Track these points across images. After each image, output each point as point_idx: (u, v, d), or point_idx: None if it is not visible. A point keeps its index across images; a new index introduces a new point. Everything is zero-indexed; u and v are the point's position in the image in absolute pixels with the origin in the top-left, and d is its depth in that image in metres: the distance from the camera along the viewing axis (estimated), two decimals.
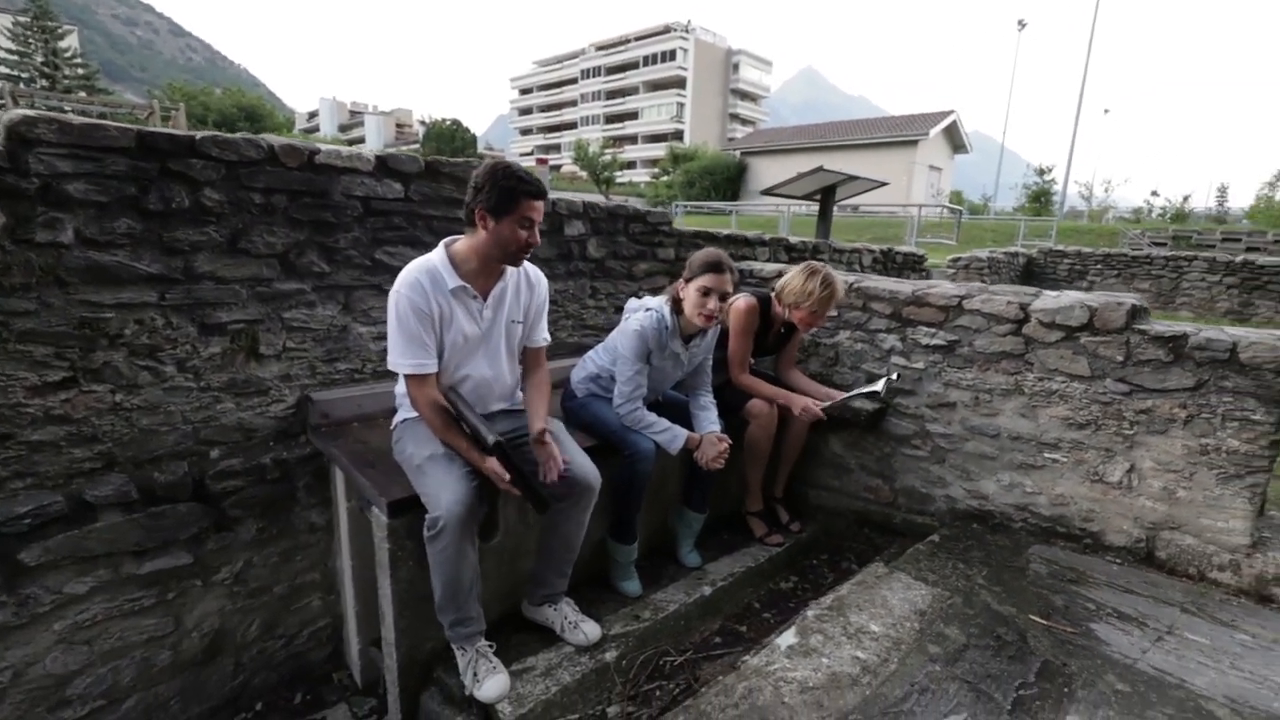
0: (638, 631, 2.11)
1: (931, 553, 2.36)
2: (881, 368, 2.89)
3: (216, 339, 2.11)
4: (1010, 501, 2.56)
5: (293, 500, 2.27)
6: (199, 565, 2.10)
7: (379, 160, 2.35)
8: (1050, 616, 1.92)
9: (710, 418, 2.33)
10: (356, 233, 2.34)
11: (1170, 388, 2.16)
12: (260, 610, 2.26)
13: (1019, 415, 2.49)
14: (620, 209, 3.19)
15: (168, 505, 2.02)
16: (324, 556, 2.39)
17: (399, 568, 1.84)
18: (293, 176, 2.16)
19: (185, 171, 1.96)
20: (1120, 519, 2.31)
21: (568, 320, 3.12)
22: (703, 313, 2.15)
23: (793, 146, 31.02)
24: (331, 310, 2.33)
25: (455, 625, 1.81)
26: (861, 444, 2.97)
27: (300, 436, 2.31)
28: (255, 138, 2.08)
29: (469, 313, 1.83)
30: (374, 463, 2.01)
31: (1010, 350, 2.49)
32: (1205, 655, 1.76)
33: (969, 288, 2.64)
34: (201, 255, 2.03)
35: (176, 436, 2.07)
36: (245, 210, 2.09)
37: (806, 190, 5.60)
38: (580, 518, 1.96)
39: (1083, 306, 2.30)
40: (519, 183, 1.70)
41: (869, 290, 2.87)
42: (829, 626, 1.86)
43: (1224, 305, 8.85)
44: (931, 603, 1.99)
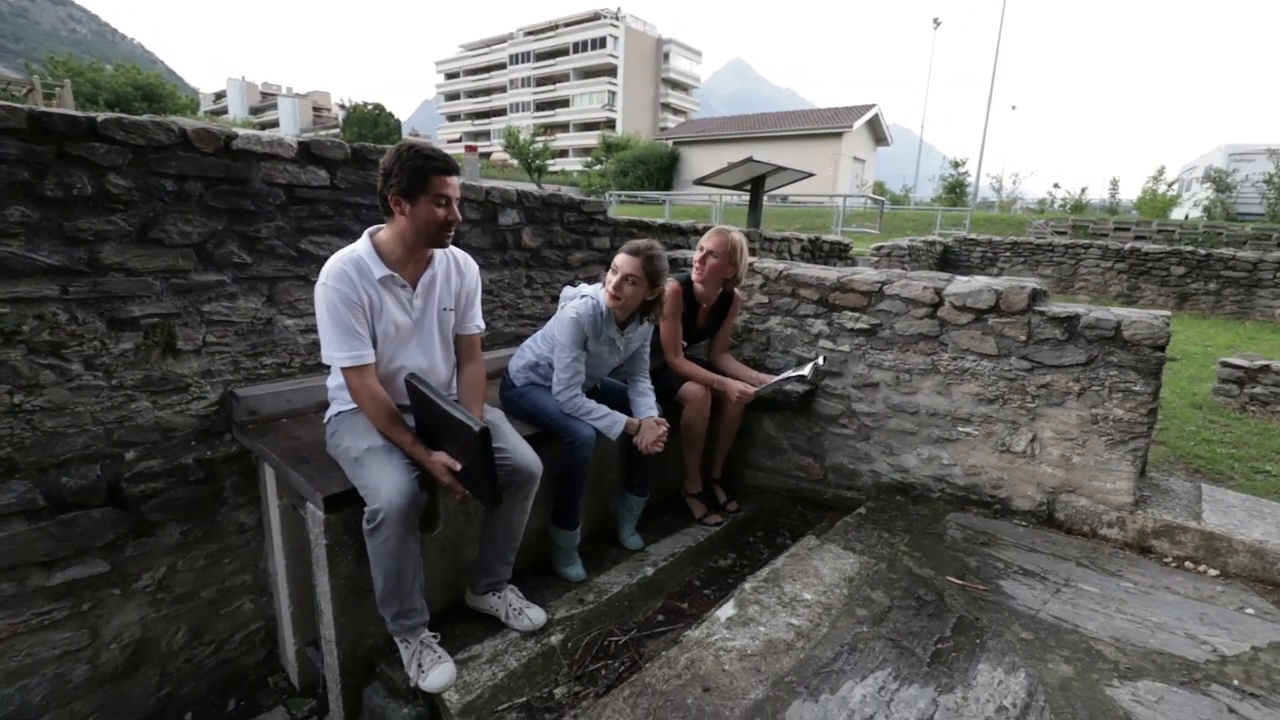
0: (582, 614, 2.15)
1: (859, 524, 2.51)
2: (810, 351, 3.03)
3: (128, 334, 1.98)
4: (929, 473, 2.75)
5: (219, 501, 2.18)
6: (117, 573, 1.99)
7: (302, 146, 2.26)
8: (964, 576, 2.09)
9: (648, 403, 2.39)
10: (280, 221, 2.24)
11: (1066, 363, 2.37)
12: (186, 617, 2.16)
13: (936, 393, 2.68)
14: (555, 198, 3.19)
15: (79, 511, 1.89)
16: (255, 558, 2.30)
17: (337, 563, 1.80)
18: (208, 162, 2.05)
19: (87, 156, 1.83)
20: (1025, 485, 2.53)
21: (504, 310, 3.10)
22: (609, 291, 2.21)
23: (724, 137, 31.52)
24: (255, 303, 2.24)
25: (398, 618, 1.79)
26: (793, 425, 3.11)
27: (225, 435, 2.21)
28: (165, 120, 1.96)
29: (399, 302, 1.80)
30: (307, 458, 1.95)
31: (927, 332, 2.66)
32: (1095, 603, 1.97)
33: (889, 274, 2.80)
34: (108, 245, 1.91)
35: (86, 439, 1.94)
36: (156, 198, 1.97)
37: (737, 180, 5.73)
38: (523, 505, 1.98)
39: (990, 290, 2.49)
40: (426, 160, 1.68)
41: (797, 277, 2.99)
42: (765, 597, 1.96)
43: (1115, 289, 9.70)
44: (859, 570, 2.13)
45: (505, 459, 1.90)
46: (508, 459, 1.90)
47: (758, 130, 31.23)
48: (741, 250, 2.65)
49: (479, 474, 1.70)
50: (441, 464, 1.74)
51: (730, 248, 2.61)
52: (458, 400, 2.01)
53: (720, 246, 2.61)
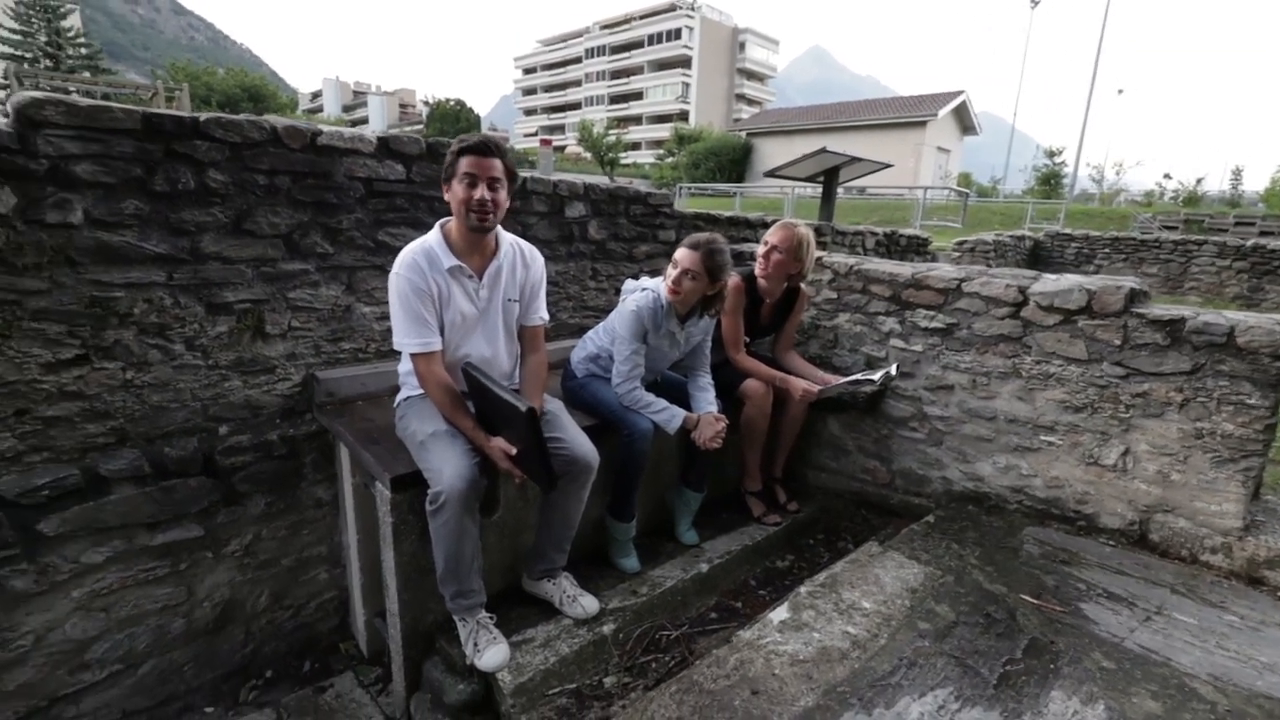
0: (635, 606, 2.16)
1: (926, 533, 2.40)
2: (880, 350, 2.91)
3: (223, 318, 2.15)
4: (1006, 484, 2.58)
5: (299, 476, 2.33)
6: (210, 537, 2.16)
7: (381, 142, 2.37)
8: (1040, 596, 1.96)
9: (708, 398, 2.36)
10: (359, 214, 2.36)
11: (1166, 371, 2.17)
12: (269, 581, 2.33)
13: (1016, 398, 2.51)
14: (621, 190, 3.20)
15: (179, 479, 2.07)
16: (330, 531, 2.45)
17: (402, 541, 1.89)
18: (296, 158, 2.18)
19: (190, 153, 1.98)
20: (1114, 501, 2.33)
21: (569, 301, 3.14)
22: (669, 286, 2.19)
23: (799, 127, 30.69)
24: (335, 290, 2.37)
25: (456, 597, 1.86)
26: (860, 426, 3.00)
27: (306, 414, 2.36)
28: (259, 119, 2.10)
29: (466, 292, 1.86)
30: (378, 439, 2.05)
31: (1008, 333, 2.50)
32: (1192, 635, 1.80)
33: (968, 270, 2.65)
34: (207, 236, 2.06)
35: (186, 413, 2.12)
36: (249, 191, 2.11)
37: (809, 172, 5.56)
38: (579, 495, 2.00)
39: (1081, 290, 2.30)
40: (459, 144, 1.76)
41: (869, 273, 2.87)
42: (821, 602, 1.90)
43: (1233, 290, 8.78)
44: (923, 581, 2.03)
45: (562, 449, 1.93)
46: (564, 449, 1.93)
47: (835, 120, 30.24)
48: (808, 245, 2.57)
49: (532, 457, 1.74)
50: (499, 448, 1.78)
51: (796, 243, 2.54)
52: (518, 389, 2.05)
53: (785, 241, 2.54)
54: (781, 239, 2.55)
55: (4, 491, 1.80)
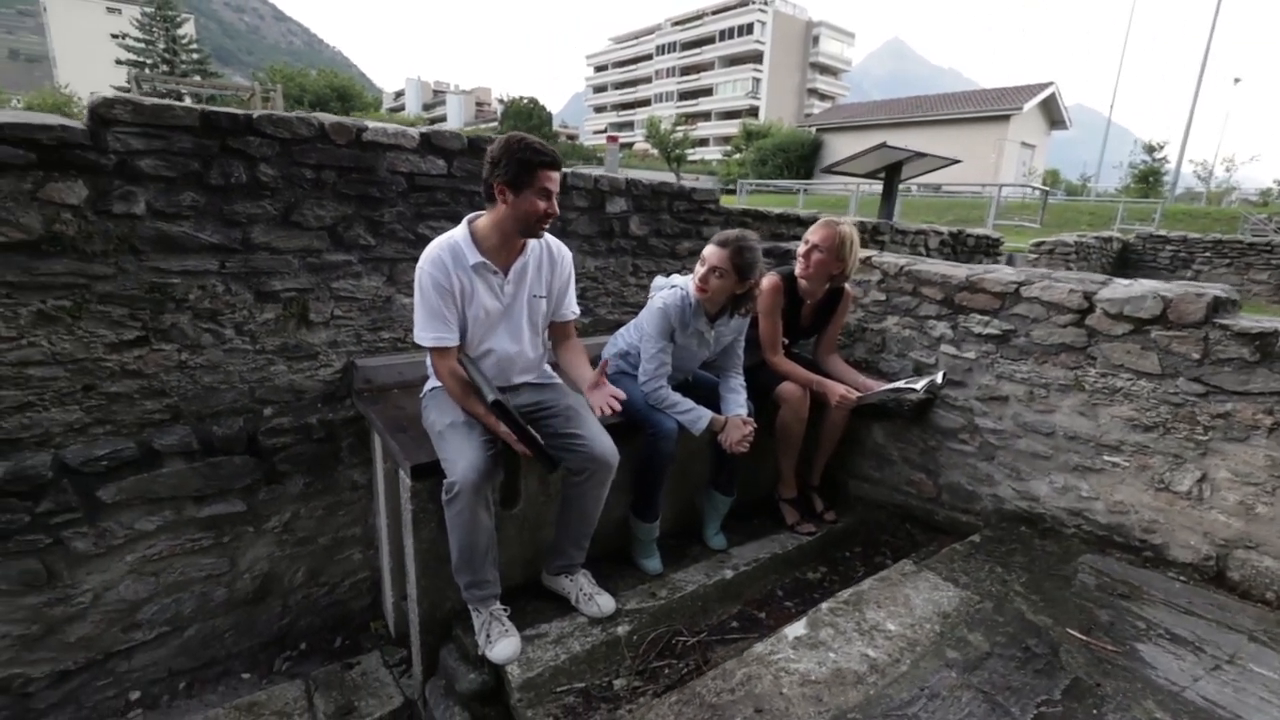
0: (652, 609, 2.12)
1: (969, 553, 2.24)
2: (930, 356, 2.75)
3: (271, 305, 2.25)
4: (1063, 505, 2.39)
5: (336, 459, 2.42)
6: (251, 513, 2.28)
7: (423, 137, 2.42)
8: (1090, 632, 1.79)
9: (738, 400, 2.29)
10: (401, 207, 2.43)
11: (1254, 390, 1.94)
12: (306, 558, 2.44)
13: (1077, 413, 2.31)
14: (665, 186, 3.16)
15: (224, 457, 2.19)
16: (365, 513, 2.53)
17: (421, 528, 1.92)
18: (341, 153, 2.26)
19: (244, 149, 2.09)
20: (1187, 533, 2.11)
21: (608, 298, 3.13)
22: (696, 284, 2.14)
23: (873, 123, 29.58)
24: (376, 281, 2.44)
25: (470, 587, 1.88)
26: (905, 435, 2.85)
27: (345, 400, 2.44)
28: (308, 115, 2.19)
29: (490, 288, 1.87)
30: (406, 428, 2.10)
31: (1071, 343, 2.30)
32: (1270, 691, 1.60)
33: (1029, 273, 2.45)
34: (258, 227, 2.17)
35: (234, 394, 2.24)
36: (297, 185, 2.21)
37: (869, 168, 5.33)
38: (597, 493, 1.98)
39: (1155, 297, 2.09)
40: (534, 154, 1.71)
41: (919, 274, 2.72)
42: (842, 621, 1.81)
43: None
44: (958, 606, 1.90)
45: (582, 446, 1.91)
46: (584, 446, 1.91)
47: (911, 114, 28.98)
48: (851, 244, 2.45)
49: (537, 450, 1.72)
50: (509, 432, 1.77)
51: (838, 242, 2.43)
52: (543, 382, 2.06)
53: (826, 240, 2.43)
54: (823, 237, 2.44)
55: (70, 460, 1.95)
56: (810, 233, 2.49)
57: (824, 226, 2.46)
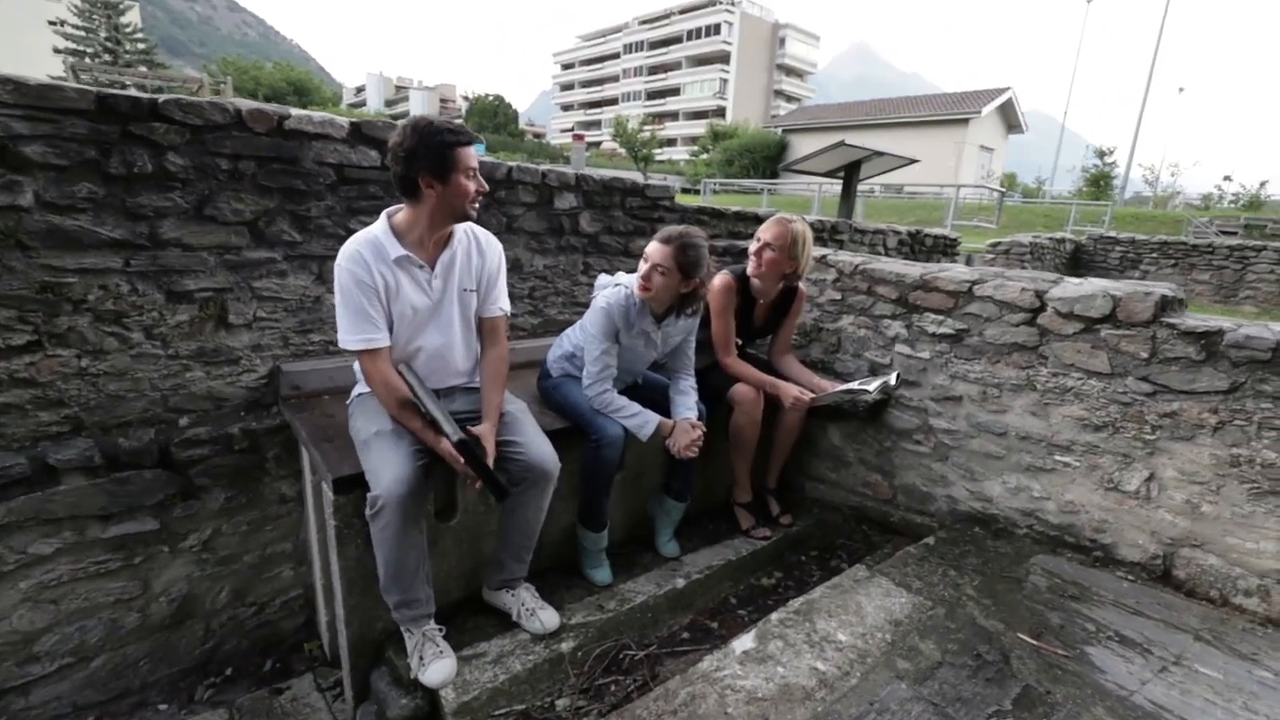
0: (599, 622, 2.03)
1: (923, 556, 2.20)
2: (885, 356, 2.71)
3: (184, 307, 2.08)
4: (1016, 506, 2.37)
5: (262, 471, 2.25)
6: (166, 531, 2.10)
7: (353, 126, 2.28)
8: (1041, 636, 1.76)
9: (687, 403, 2.21)
10: (330, 201, 2.28)
11: (1200, 389, 1.93)
12: (230, 578, 2.27)
13: (1029, 413, 2.30)
14: (616, 181, 3.06)
15: (132, 471, 2.01)
16: (295, 528, 2.37)
17: (346, 546, 1.79)
18: (261, 142, 2.10)
19: (147, 135, 1.91)
20: (1135, 532, 2.10)
21: (558, 298, 3.02)
22: (638, 281, 2.06)
23: (837, 124, 30.00)
24: (304, 280, 2.29)
25: (400, 607, 1.76)
26: (861, 436, 2.81)
27: (273, 407, 2.28)
28: (221, 100, 2.02)
29: (416, 283, 1.75)
30: (332, 437, 1.96)
31: (1023, 342, 2.28)
32: (1215, 692, 1.58)
33: (982, 272, 2.43)
34: (167, 221, 2.00)
35: (145, 403, 2.06)
36: (212, 176, 2.04)
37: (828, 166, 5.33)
38: (538, 503, 1.88)
39: (1105, 296, 2.08)
40: (451, 135, 1.61)
41: (874, 273, 2.68)
42: (791, 632, 1.74)
43: None
44: (910, 612, 1.85)
45: (519, 454, 1.81)
46: (521, 454, 1.81)
47: (874, 117, 29.49)
48: (803, 243, 2.39)
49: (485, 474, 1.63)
50: (449, 451, 1.67)
51: (790, 240, 2.36)
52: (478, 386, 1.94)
53: (779, 238, 2.37)
54: (775, 235, 2.38)
55: None
56: (762, 230, 2.42)
57: (776, 224, 2.40)
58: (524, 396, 2.38)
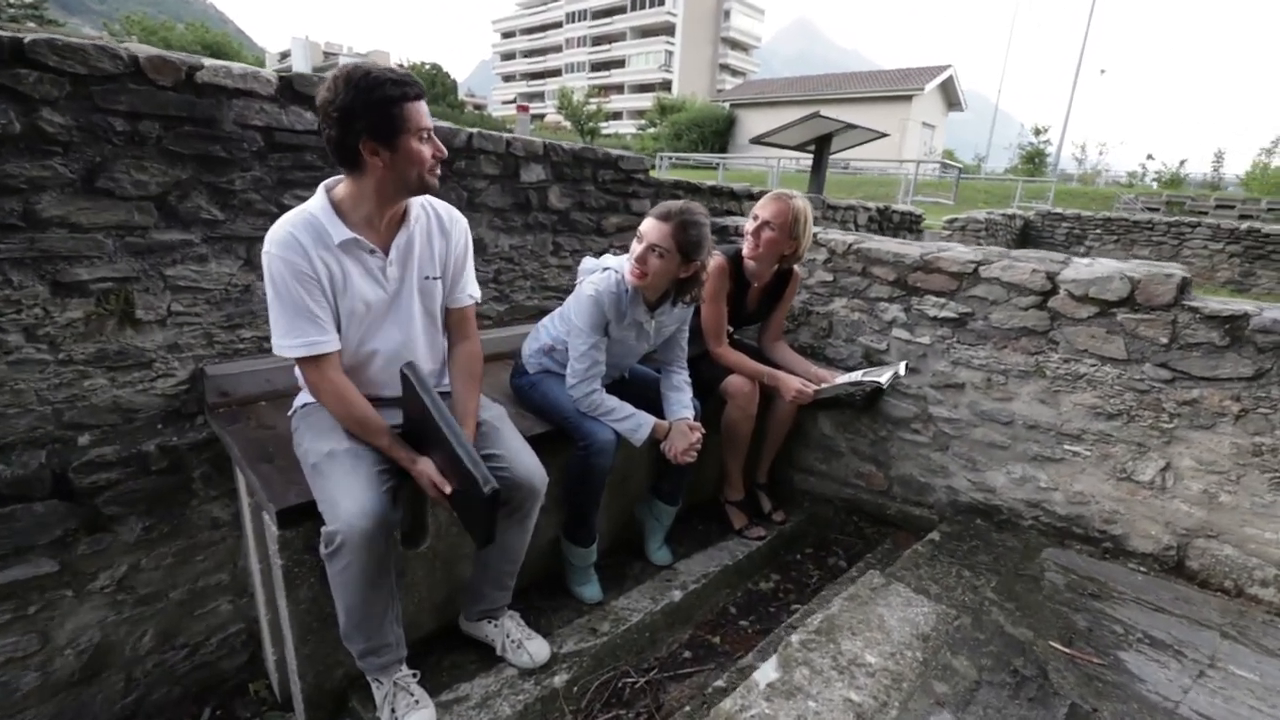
0: (594, 648, 1.81)
1: (932, 555, 2.08)
2: (881, 341, 2.56)
3: (77, 301, 1.70)
4: (1021, 496, 2.27)
5: (187, 493, 1.91)
6: (68, 572, 1.75)
7: (283, 82, 1.91)
8: (1072, 643, 1.65)
9: (683, 400, 1.99)
10: (258, 171, 1.92)
11: (1223, 376, 1.85)
12: (154, 619, 1.93)
13: (1038, 401, 2.19)
14: (588, 152, 2.77)
15: (19, 505, 1.65)
16: (233, 555, 2.05)
17: (297, 587, 1.50)
18: (167, 98, 1.72)
19: (13, 86, 1.51)
20: (1148, 523, 2.03)
21: (526, 281, 2.73)
22: (632, 266, 1.80)
23: (784, 99, 30.00)
24: (229, 266, 1.93)
25: (366, 655, 1.49)
26: (855, 425, 2.67)
27: (197, 417, 1.94)
28: (111, 45, 1.63)
29: (368, 272, 1.45)
30: (272, 455, 1.65)
31: (1032, 326, 2.16)
32: (1257, 697, 1.50)
33: (986, 253, 2.29)
34: (47, 196, 1.61)
35: (30, 420, 1.69)
36: (104, 139, 1.65)
37: (799, 139, 5.15)
38: (523, 526, 1.63)
39: (1123, 278, 1.96)
40: (394, 86, 1.28)
41: (870, 253, 2.51)
42: (816, 656, 1.56)
43: (1225, 274, 8.61)
44: (936, 624, 1.70)
45: (502, 470, 1.54)
46: (505, 470, 1.55)
47: (821, 92, 29.61)
48: (805, 221, 2.19)
49: (475, 513, 1.35)
50: (429, 479, 1.40)
51: (791, 218, 2.16)
52: (448, 391, 1.66)
53: (779, 216, 2.16)
54: (775, 213, 2.17)
55: None
56: (759, 208, 2.20)
57: (775, 200, 2.19)
58: (496, 395, 2.11)
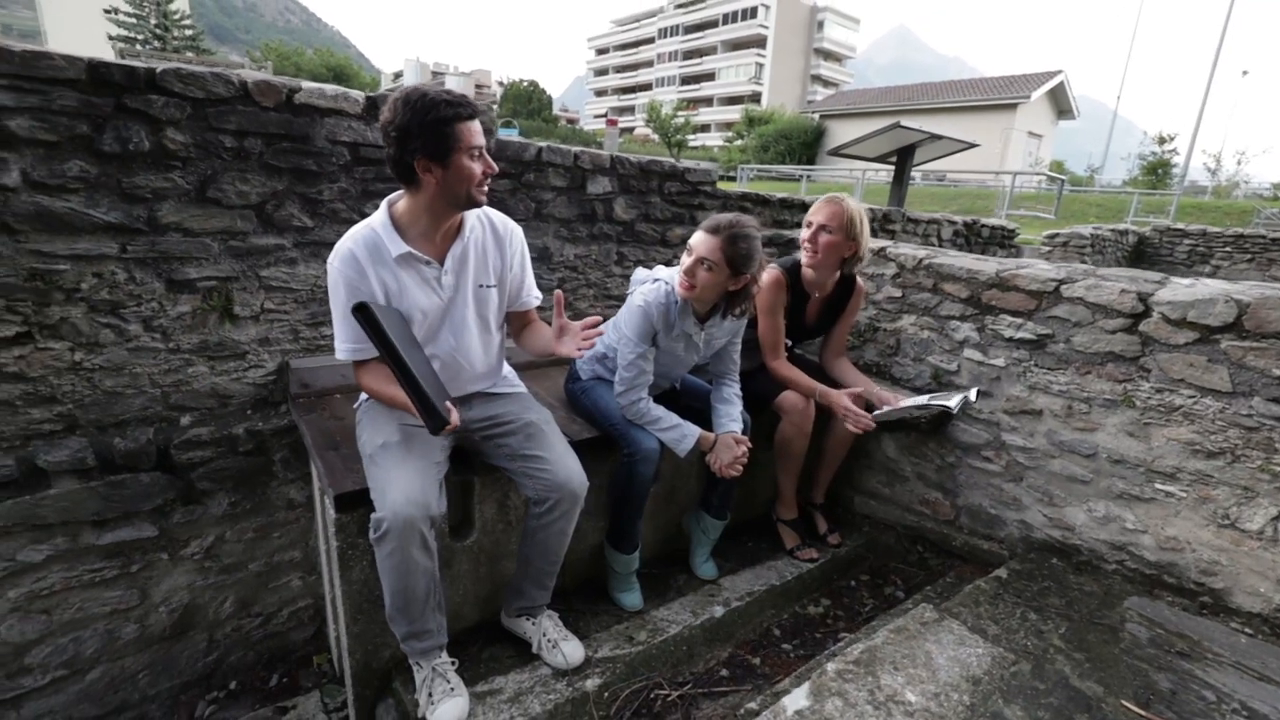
0: (629, 656, 1.82)
1: (996, 593, 1.94)
2: (952, 361, 2.43)
3: (186, 296, 1.92)
4: (1103, 537, 2.08)
5: (269, 474, 2.10)
6: (165, 538, 1.97)
7: (369, 101, 2.08)
8: (1149, 706, 1.49)
9: (731, 414, 1.97)
10: (343, 183, 2.09)
11: None
12: (234, 587, 2.13)
13: (1125, 433, 2.00)
14: (654, 165, 2.81)
15: (128, 474, 1.87)
16: (305, 535, 2.22)
17: (350, 568, 1.61)
18: (269, 118, 1.92)
19: (144, 109, 1.74)
20: (1256, 578, 1.80)
21: (589, 289, 2.80)
22: (681, 278, 1.80)
23: (876, 109, 29.02)
24: (316, 269, 2.11)
25: (409, 639, 1.57)
26: (921, 449, 2.53)
27: (281, 406, 2.12)
28: (225, 72, 1.84)
29: (424, 281, 1.54)
30: (339, 444, 1.78)
31: (1120, 351, 1.98)
32: None
33: (1069, 270, 2.13)
34: (166, 204, 1.83)
35: (144, 400, 1.92)
36: (215, 155, 1.86)
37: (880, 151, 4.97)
38: (561, 526, 1.67)
39: (1228, 300, 1.77)
40: (447, 109, 1.36)
41: (941, 269, 2.39)
42: (852, 688, 1.50)
43: None
44: (990, 667, 1.59)
45: (543, 471, 1.60)
46: (546, 472, 1.60)
47: (916, 101, 28.47)
48: (861, 222, 2.12)
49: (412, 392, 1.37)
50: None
51: (847, 219, 2.10)
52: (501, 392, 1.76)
53: (834, 218, 2.10)
54: (830, 215, 2.11)
55: None
56: (812, 213, 2.16)
57: (828, 203, 2.13)
58: (551, 400, 2.18)
